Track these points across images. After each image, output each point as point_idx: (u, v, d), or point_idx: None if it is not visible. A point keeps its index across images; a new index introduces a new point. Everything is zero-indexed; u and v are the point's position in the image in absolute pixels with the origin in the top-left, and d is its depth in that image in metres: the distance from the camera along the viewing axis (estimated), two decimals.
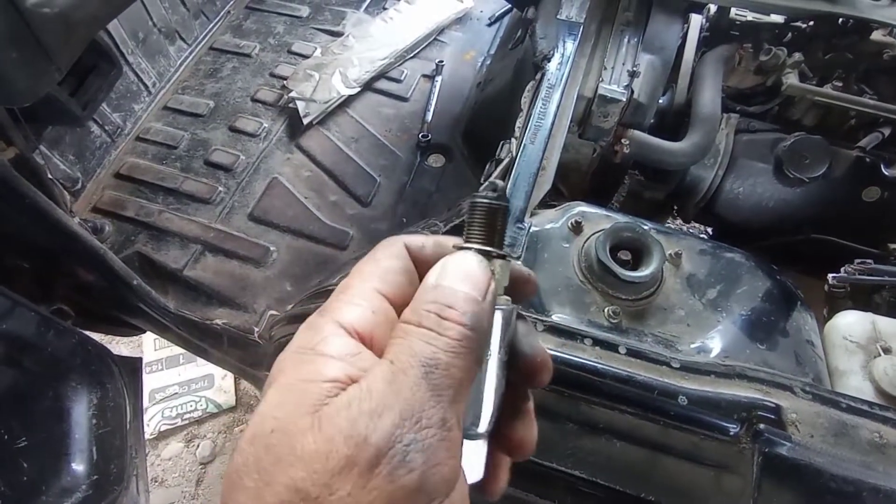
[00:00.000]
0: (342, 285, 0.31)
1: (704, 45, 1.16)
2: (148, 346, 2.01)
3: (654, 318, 0.72)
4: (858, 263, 0.89)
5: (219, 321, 1.14)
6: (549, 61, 0.96)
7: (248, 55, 1.63)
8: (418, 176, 1.39)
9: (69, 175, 1.28)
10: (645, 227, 0.76)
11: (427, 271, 0.31)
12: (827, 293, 0.90)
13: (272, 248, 1.25)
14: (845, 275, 0.88)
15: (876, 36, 1.04)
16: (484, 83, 1.53)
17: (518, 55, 1.31)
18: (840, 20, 1.04)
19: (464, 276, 0.29)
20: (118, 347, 1.87)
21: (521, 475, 0.63)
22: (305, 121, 1.44)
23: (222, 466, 1.82)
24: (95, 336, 1.06)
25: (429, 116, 1.48)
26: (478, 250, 0.30)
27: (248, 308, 1.17)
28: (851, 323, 0.74)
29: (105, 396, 0.95)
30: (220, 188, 1.34)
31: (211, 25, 1.71)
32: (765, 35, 1.12)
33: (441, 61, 1.60)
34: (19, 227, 0.93)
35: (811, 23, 1.09)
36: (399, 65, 1.60)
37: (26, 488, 0.76)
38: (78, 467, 0.85)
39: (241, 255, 1.24)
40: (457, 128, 1.47)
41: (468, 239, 0.31)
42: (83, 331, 1.01)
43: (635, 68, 0.99)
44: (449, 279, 0.29)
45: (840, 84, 1.07)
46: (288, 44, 1.67)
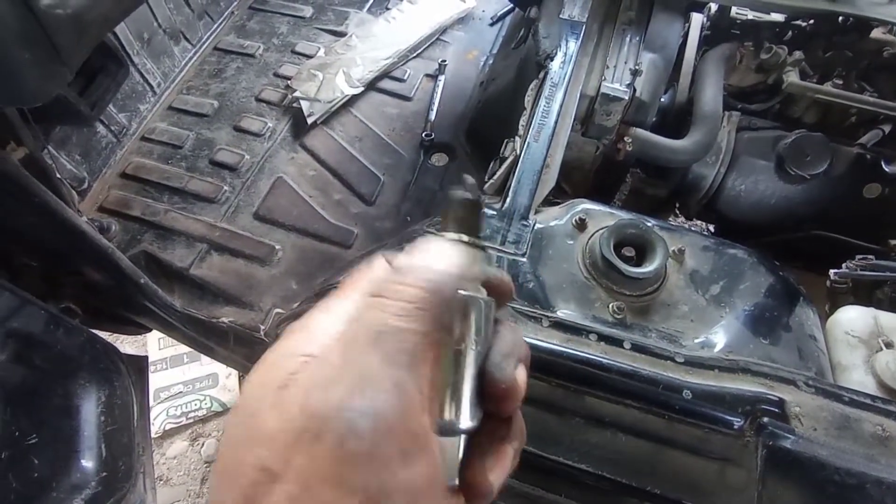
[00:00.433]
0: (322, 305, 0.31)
1: (705, 44, 1.17)
2: (152, 345, 2.02)
3: (658, 314, 0.72)
4: (860, 259, 0.90)
5: (225, 319, 1.15)
6: (552, 60, 0.97)
7: (252, 55, 1.64)
8: (422, 175, 1.39)
9: (76, 175, 1.29)
10: (648, 224, 0.77)
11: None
12: (829, 289, 0.91)
13: (277, 247, 1.26)
14: (847, 270, 0.89)
15: (876, 34, 1.05)
16: (486, 82, 1.54)
17: (521, 54, 1.32)
18: (840, 18, 1.05)
19: (427, 253, 0.29)
20: (123, 346, 1.88)
21: (528, 469, 0.64)
22: (310, 120, 1.44)
23: None
24: (101, 334, 1.07)
25: (432, 115, 1.49)
26: (451, 238, 0.30)
27: (254, 306, 1.18)
28: (853, 318, 0.75)
29: (113, 394, 0.96)
30: (226, 187, 1.35)
31: (215, 26, 1.72)
32: (765, 33, 1.13)
33: (444, 61, 1.60)
34: (29, 227, 0.94)
35: (811, 21, 1.10)
36: (402, 64, 1.61)
37: (38, 485, 0.76)
38: (87, 464, 0.86)
39: (247, 254, 1.25)
40: (460, 126, 1.48)
41: (442, 231, 0.32)
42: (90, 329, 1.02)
43: (637, 67, 1.00)
44: (413, 258, 0.28)
45: (840, 82, 1.08)
46: (291, 44, 1.67)
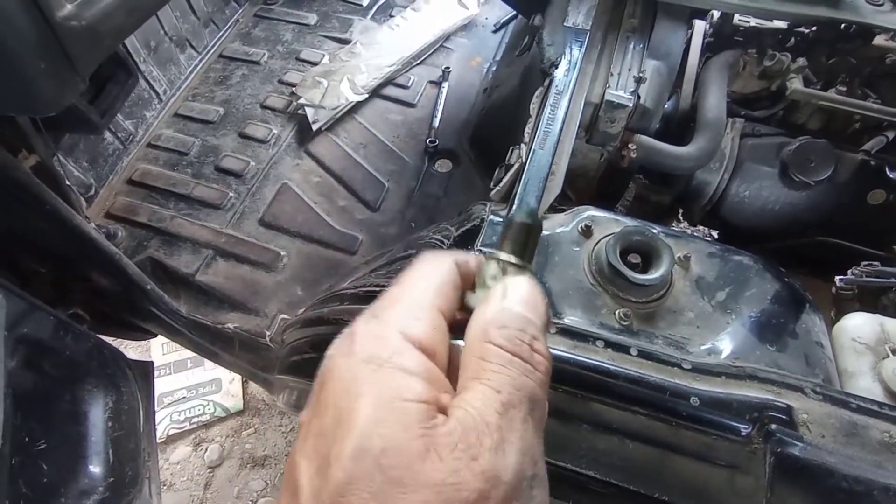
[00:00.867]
0: (395, 295, 0.31)
1: (708, 51, 1.18)
2: (156, 351, 2.02)
3: (665, 321, 0.73)
4: (865, 266, 0.90)
5: (230, 325, 1.15)
6: (557, 68, 0.98)
7: (257, 62, 1.65)
8: (426, 181, 1.40)
9: (83, 181, 1.30)
10: (654, 231, 0.77)
11: (467, 286, 0.32)
12: (834, 295, 0.91)
13: (283, 253, 1.27)
14: (852, 277, 0.89)
15: (879, 41, 1.06)
16: (490, 89, 1.55)
17: (525, 62, 1.33)
18: (843, 25, 1.05)
19: (534, 304, 0.30)
20: (127, 352, 1.88)
21: None
22: (314, 127, 1.45)
23: (230, 470, 1.83)
24: (107, 339, 1.08)
25: (436, 122, 1.50)
26: (515, 264, 0.32)
27: (260, 312, 1.18)
28: (860, 325, 0.75)
29: (120, 400, 0.97)
30: (231, 194, 1.36)
31: (220, 33, 1.73)
32: (768, 40, 1.14)
33: (447, 67, 1.61)
34: (39, 233, 0.95)
35: (814, 28, 1.10)
36: (406, 71, 1.62)
37: (46, 490, 0.77)
38: (95, 469, 0.86)
39: (252, 260, 1.26)
40: (464, 133, 1.48)
41: (500, 249, 0.34)
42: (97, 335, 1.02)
43: (641, 74, 1.00)
44: (522, 305, 0.29)
45: (844, 88, 1.08)
46: (296, 51, 1.69)
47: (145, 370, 1.11)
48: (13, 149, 0.87)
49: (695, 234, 1.01)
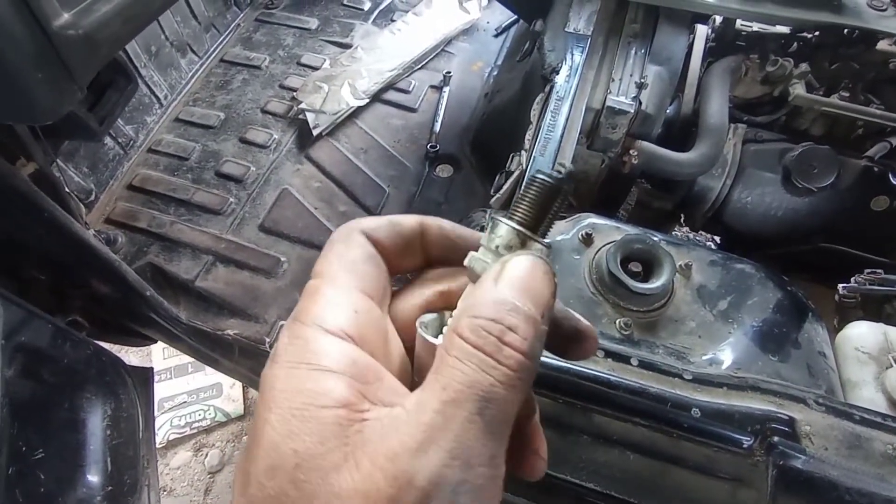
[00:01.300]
0: (310, 288, 0.28)
1: (710, 56, 1.17)
2: (157, 356, 2.02)
3: (666, 330, 0.72)
4: (868, 273, 0.89)
5: (230, 331, 1.15)
6: (558, 74, 0.97)
7: (258, 67, 1.66)
8: (427, 186, 1.40)
9: (83, 187, 1.30)
10: (655, 239, 0.76)
11: (389, 254, 0.29)
12: (837, 303, 0.90)
13: (283, 259, 1.27)
14: (855, 285, 0.88)
15: (881, 46, 1.05)
16: (491, 94, 1.54)
17: (526, 67, 1.33)
18: (845, 30, 1.04)
19: (526, 289, 0.25)
20: (128, 357, 1.88)
21: (536, 488, 0.64)
22: (315, 132, 1.45)
23: (230, 475, 1.83)
24: (106, 345, 1.08)
25: (437, 127, 1.49)
26: (519, 231, 0.27)
27: (259, 318, 1.18)
28: (863, 334, 0.74)
29: (118, 407, 0.96)
30: (231, 199, 1.36)
31: (221, 38, 1.74)
32: (771, 45, 1.13)
33: (449, 72, 1.61)
34: (37, 240, 0.95)
35: (817, 33, 1.10)
36: (407, 76, 1.62)
37: (44, 499, 0.76)
38: (93, 478, 0.86)
39: (252, 266, 1.25)
40: (465, 138, 1.48)
41: (512, 215, 0.28)
42: (96, 341, 1.02)
43: (643, 79, 1.00)
44: (510, 290, 0.25)
45: (847, 94, 1.08)
46: (297, 56, 1.69)
47: (144, 376, 1.11)
48: (11, 156, 0.87)
49: (696, 242, 1.00)
